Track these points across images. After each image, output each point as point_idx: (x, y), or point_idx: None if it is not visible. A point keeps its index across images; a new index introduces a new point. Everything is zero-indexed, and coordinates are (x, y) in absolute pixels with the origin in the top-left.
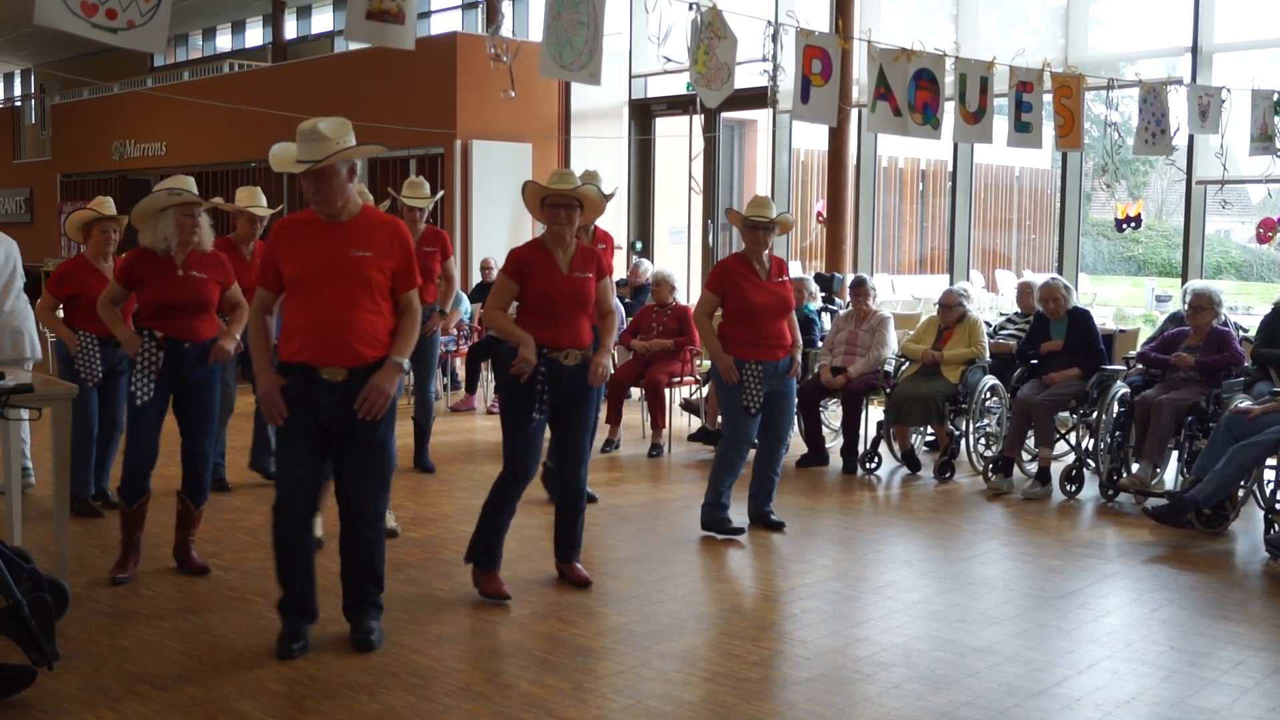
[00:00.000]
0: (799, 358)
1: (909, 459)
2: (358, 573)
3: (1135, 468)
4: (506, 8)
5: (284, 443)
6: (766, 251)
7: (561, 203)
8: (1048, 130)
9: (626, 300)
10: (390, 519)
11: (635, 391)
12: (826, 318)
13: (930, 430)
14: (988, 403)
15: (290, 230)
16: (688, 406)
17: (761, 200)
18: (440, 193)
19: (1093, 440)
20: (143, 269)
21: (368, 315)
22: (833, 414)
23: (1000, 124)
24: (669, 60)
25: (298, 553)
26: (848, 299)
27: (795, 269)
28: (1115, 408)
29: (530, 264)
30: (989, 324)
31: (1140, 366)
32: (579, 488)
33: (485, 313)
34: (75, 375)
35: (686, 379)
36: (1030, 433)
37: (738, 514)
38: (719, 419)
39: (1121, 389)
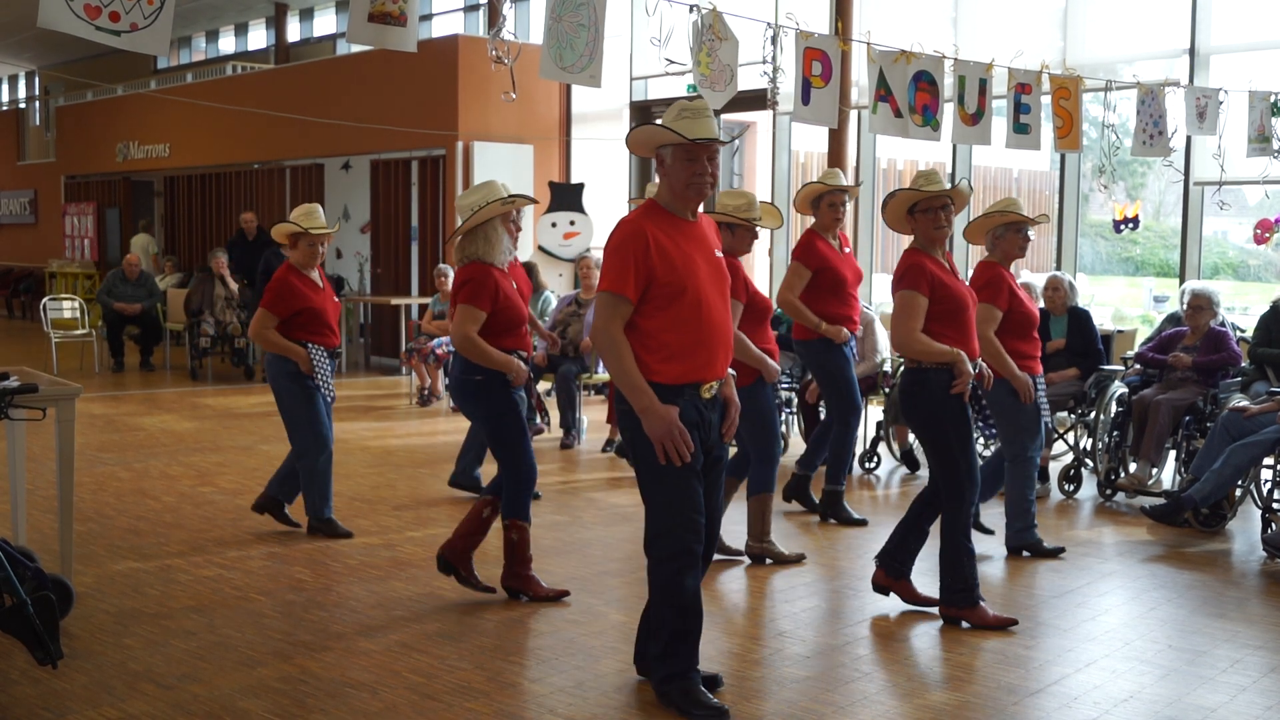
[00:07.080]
0: None
1: (908, 458)
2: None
3: (1133, 467)
4: (508, 10)
5: (681, 483)
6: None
7: (939, 204)
8: (1046, 132)
9: None
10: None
11: None
12: None
13: None
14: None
15: (657, 232)
16: None
17: (1013, 201)
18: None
19: (1091, 440)
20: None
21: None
22: None
23: (999, 125)
24: (671, 63)
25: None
26: None
27: None
28: (1113, 408)
29: (936, 274)
30: None
31: (1138, 366)
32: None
33: (905, 334)
34: (305, 391)
35: None
36: None
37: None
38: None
39: (1119, 389)
